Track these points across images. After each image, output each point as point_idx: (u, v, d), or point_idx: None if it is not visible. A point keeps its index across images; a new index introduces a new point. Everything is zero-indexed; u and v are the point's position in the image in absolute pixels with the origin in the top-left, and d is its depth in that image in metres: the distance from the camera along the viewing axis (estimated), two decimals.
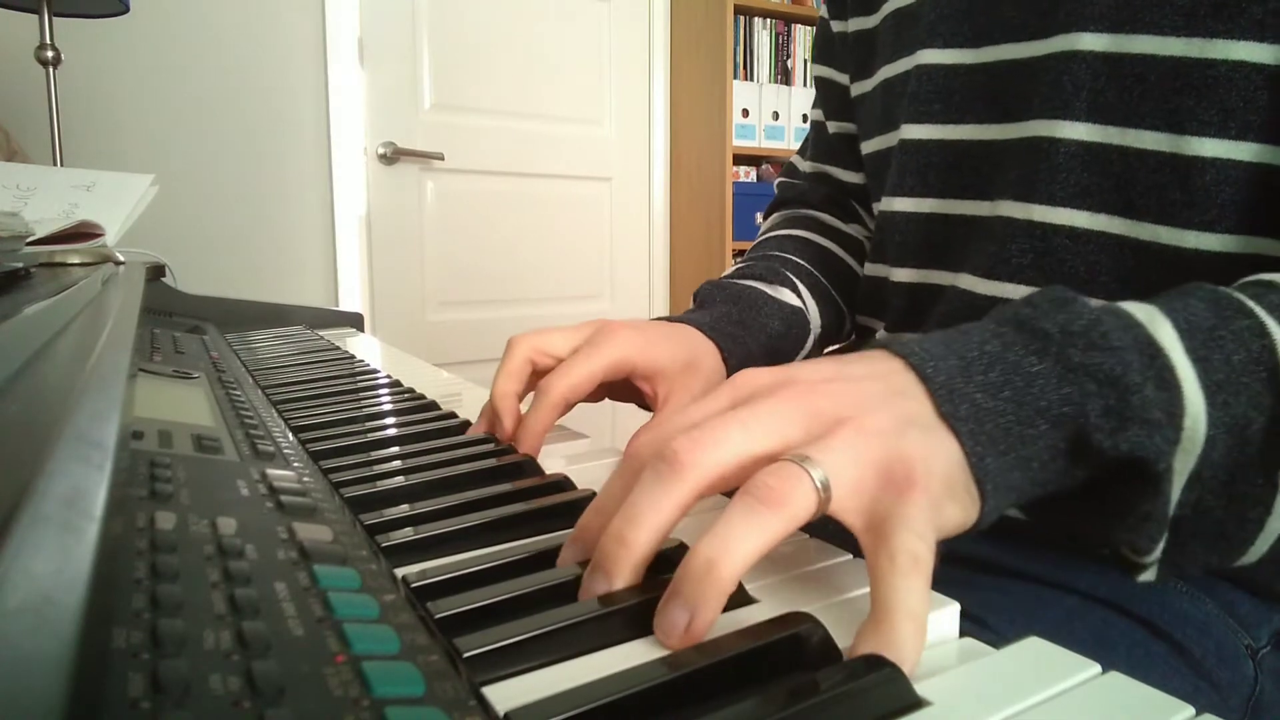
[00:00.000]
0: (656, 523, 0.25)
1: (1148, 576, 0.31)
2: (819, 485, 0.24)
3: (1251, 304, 0.30)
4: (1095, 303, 0.29)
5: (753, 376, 0.28)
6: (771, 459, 0.25)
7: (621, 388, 0.50)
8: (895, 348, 0.29)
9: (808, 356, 0.61)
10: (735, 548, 0.23)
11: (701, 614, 0.22)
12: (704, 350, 0.51)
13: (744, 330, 0.54)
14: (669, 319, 0.53)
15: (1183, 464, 0.28)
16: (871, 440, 0.25)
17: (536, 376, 0.46)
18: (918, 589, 0.23)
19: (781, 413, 0.26)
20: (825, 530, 0.29)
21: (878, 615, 0.22)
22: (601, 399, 0.52)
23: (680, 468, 0.25)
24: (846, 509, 0.25)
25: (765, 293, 0.58)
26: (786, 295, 0.59)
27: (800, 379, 0.28)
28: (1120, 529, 0.29)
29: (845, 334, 0.67)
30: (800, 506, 0.24)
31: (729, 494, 0.26)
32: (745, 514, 0.24)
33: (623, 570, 0.25)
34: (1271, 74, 0.37)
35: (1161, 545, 0.29)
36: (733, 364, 0.52)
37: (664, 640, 0.23)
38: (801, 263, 0.63)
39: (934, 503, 0.25)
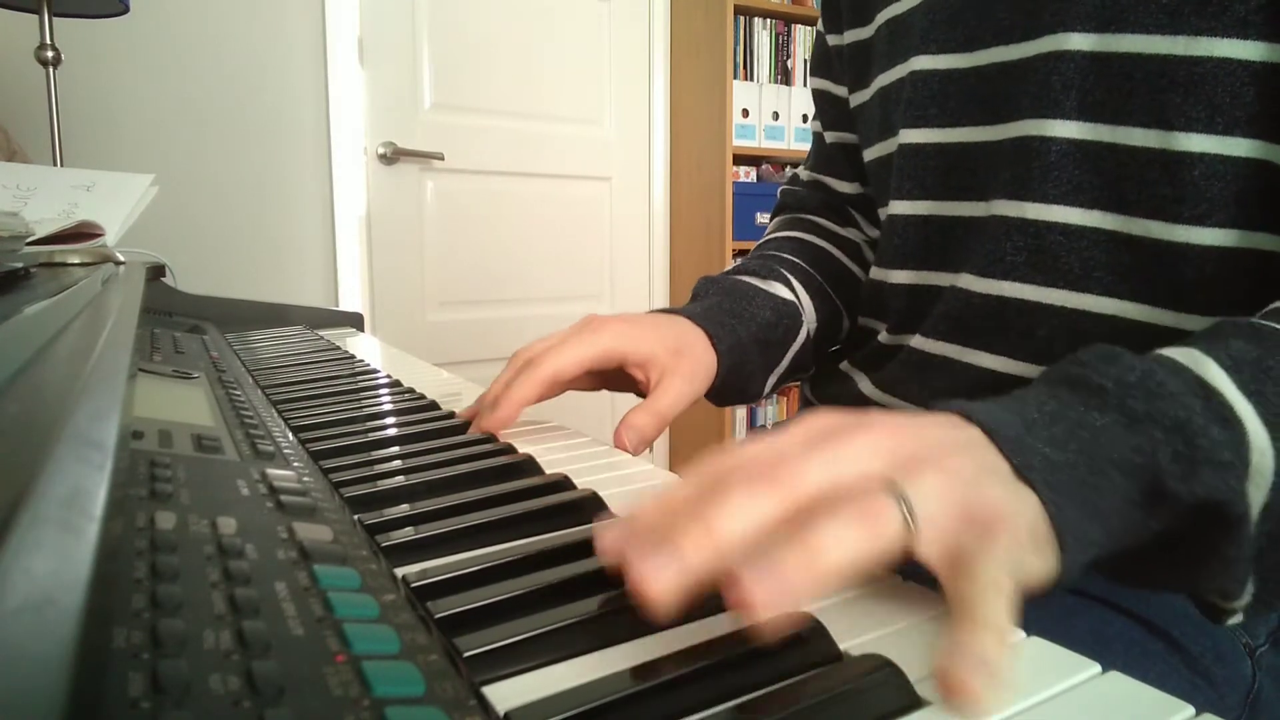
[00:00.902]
0: (742, 523, 0.23)
1: (1235, 620, 0.30)
2: (907, 515, 0.23)
3: None
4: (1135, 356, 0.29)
5: (823, 417, 0.28)
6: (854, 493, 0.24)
7: (616, 377, 0.52)
8: (955, 409, 0.29)
9: (802, 354, 0.61)
10: (832, 540, 0.22)
11: (791, 588, 0.21)
12: (693, 337, 0.52)
13: (735, 319, 0.55)
14: (661, 311, 0.54)
15: (1256, 498, 0.28)
16: (954, 480, 0.25)
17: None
18: (998, 605, 0.22)
19: (864, 448, 0.26)
20: None
21: (957, 625, 0.22)
22: (598, 388, 0.53)
23: (767, 482, 0.24)
24: (929, 544, 0.24)
25: (757, 285, 0.59)
26: (779, 289, 0.60)
27: (874, 422, 0.27)
28: (1206, 576, 0.29)
29: (843, 335, 0.68)
30: (889, 530, 0.23)
31: None
32: (832, 516, 0.23)
33: (699, 552, 0.22)
34: (1256, 70, 0.38)
35: (1250, 587, 0.29)
36: (722, 350, 0.53)
37: (746, 599, 0.21)
38: (797, 261, 0.64)
39: (1018, 547, 0.24)
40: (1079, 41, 0.42)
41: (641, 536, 0.23)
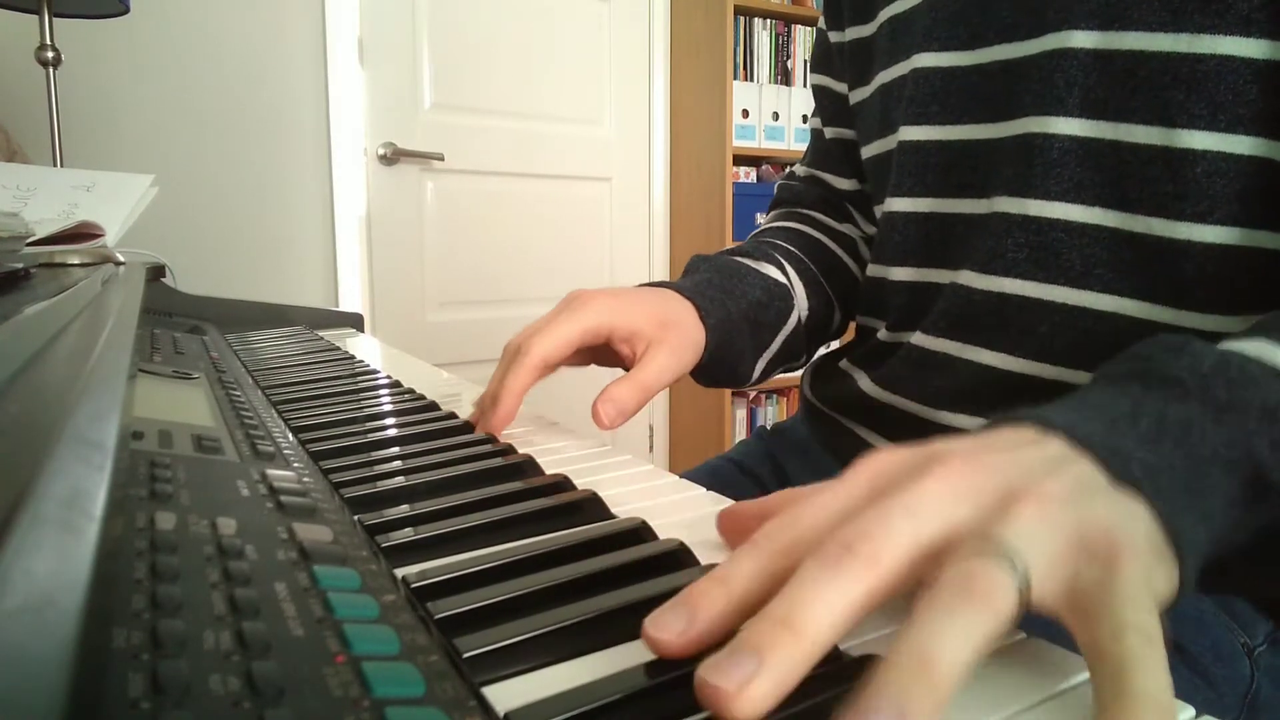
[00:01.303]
0: (833, 612, 0.20)
1: None
2: (1020, 573, 0.20)
3: None
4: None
5: (889, 454, 0.25)
6: (944, 550, 0.21)
7: (603, 352, 0.52)
8: (1024, 418, 0.26)
9: (793, 338, 0.61)
10: (950, 644, 0.18)
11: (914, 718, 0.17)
12: (680, 309, 0.52)
13: (725, 295, 0.55)
14: (650, 284, 0.55)
15: None
16: (1055, 510, 0.22)
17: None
18: (1156, 668, 0.19)
19: (943, 494, 0.22)
20: None
21: (1110, 704, 0.18)
22: (587, 364, 0.53)
23: (855, 558, 0.20)
24: (1045, 593, 0.21)
25: (750, 265, 0.59)
26: (772, 271, 0.60)
27: (944, 453, 0.24)
28: None
29: (836, 327, 0.68)
30: (1006, 601, 0.20)
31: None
32: (948, 613, 0.19)
33: (784, 656, 0.19)
34: (1259, 68, 0.38)
35: None
36: (710, 324, 0.53)
37: None
38: (791, 248, 0.64)
39: (1146, 569, 0.21)
40: (1082, 39, 0.42)
41: (707, 635, 0.21)
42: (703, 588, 0.22)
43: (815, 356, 0.67)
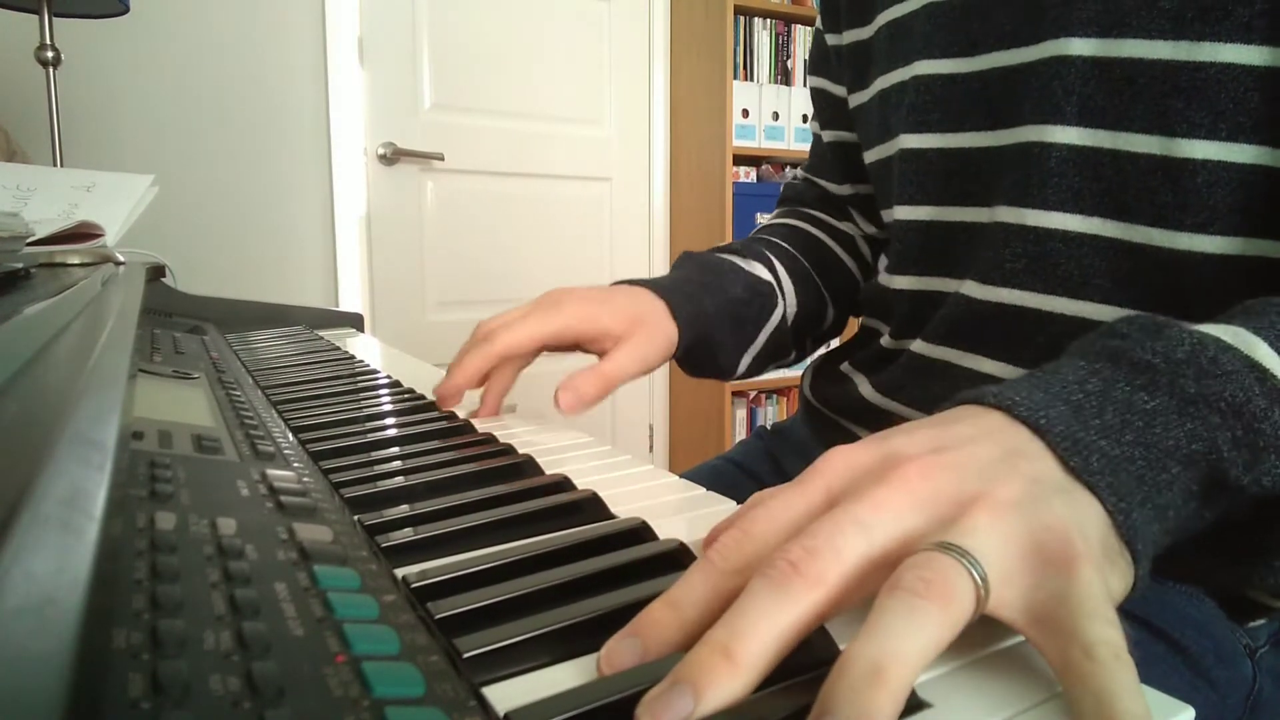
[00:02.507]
0: (773, 637, 0.20)
1: (1261, 623, 0.29)
2: (978, 578, 0.20)
3: None
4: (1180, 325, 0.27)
5: (846, 456, 0.25)
6: (898, 558, 0.21)
7: (576, 349, 0.54)
8: (990, 400, 0.26)
9: (779, 335, 0.62)
10: (904, 648, 0.19)
11: None
12: (651, 308, 0.53)
13: (702, 291, 0.56)
14: (626, 282, 0.56)
15: None
16: (1010, 516, 0.22)
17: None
18: (1131, 687, 0.19)
19: (898, 503, 0.23)
20: None
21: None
22: (571, 351, 0.54)
23: (802, 579, 0.21)
24: (1003, 601, 0.21)
25: (734, 262, 0.60)
26: (758, 268, 0.61)
27: (903, 454, 0.24)
28: (1262, 570, 0.27)
29: (830, 324, 0.68)
30: (963, 602, 0.20)
31: None
32: (906, 614, 0.19)
33: (720, 689, 0.19)
34: (1261, 75, 0.37)
35: None
36: (682, 320, 0.54)
37: None
38: (784, 245, 0.65)
39: (1100, 574, 0.21)
40: (1081, 47, 0.42)
41: (639, 653, 0.21)
42: (654, 616, 0.22)
43: (816, 357, 0.67)
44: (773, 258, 0.62)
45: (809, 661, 0.22)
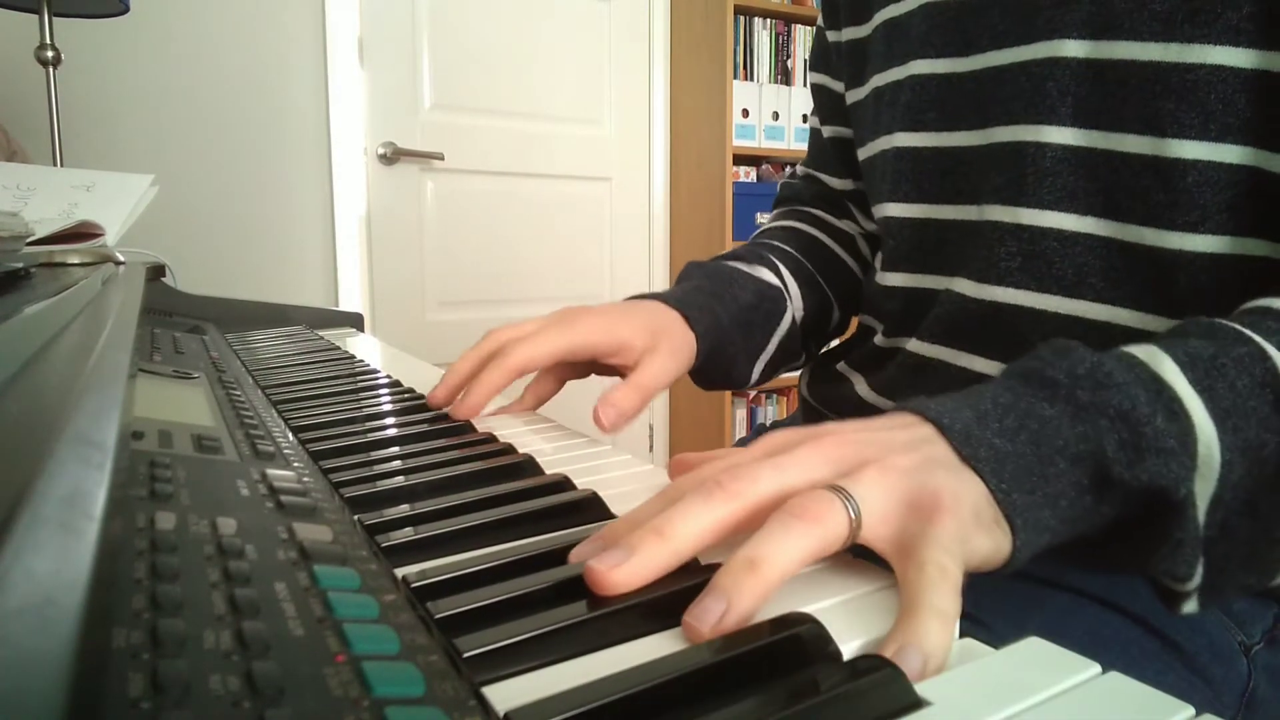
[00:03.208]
0: (695, 528, 0.26)
1: (1190, 607, 0.31)
2: (851, 511, 0.25)
3: (1249, 331, 0.31)
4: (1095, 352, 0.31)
5: (785, 433, 0.30)
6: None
7: (586, 370, 0.53)
8: (912, 408, 0.30)
9: (789, 340, 0.62)
10: (776, 550, 0.24)
11: (737, 606, 0.23)
12: (668, 320, 0.53)
13: (714, 300, 0.56)
14: (638, 296, 0.56)
15: (1203, 489, 0.29)
16: (897, 475, 0.27)
17: None
18: (944, 591, 0.23)
19: (811, 457, 0.28)
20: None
21: (904, 613, 0.23)
22: (566, 379, 0.54)
23: (723, 492, 0.26)
24: (877, 536, 0.26)
25: (741, 269, 0.60)
26: (764, 273, 0.61)
27: (825, 433, 0.29)
28: (1156, 558, 0.30)
29: (836, 324, 0.68)
30: (834, 526, 0.25)
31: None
32: (782, 528, 0.25)
33: (648, 551, 0.25)
34: (1249, 77, 0.38)
35: (1199, 571, 0.30)
36: (699, 331, 0.54)
37: (695, 624, 0.23)
38: (787, 249, 0.64)
39: (962, 528, 0.26)
40: (1073, 48, 0.42)
41: (603, 543, 0.26)
42: (614, 525, 0.28)
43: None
44: (777, 262, 0.62)
45: (809, 662, 0.22)
